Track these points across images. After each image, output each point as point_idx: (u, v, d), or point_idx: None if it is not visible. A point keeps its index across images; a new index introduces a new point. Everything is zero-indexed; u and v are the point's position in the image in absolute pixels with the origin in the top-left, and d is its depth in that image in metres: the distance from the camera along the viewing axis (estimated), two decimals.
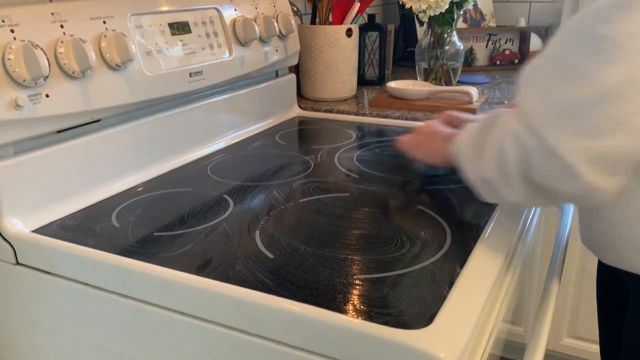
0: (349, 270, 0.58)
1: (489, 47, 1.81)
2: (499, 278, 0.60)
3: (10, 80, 0.66)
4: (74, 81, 0.73)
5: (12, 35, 0.66)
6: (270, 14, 1.11)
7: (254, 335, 0.54)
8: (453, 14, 1.37)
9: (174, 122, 0.92)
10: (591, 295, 1.55)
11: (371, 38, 1.54)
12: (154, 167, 0.88)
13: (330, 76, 1.35)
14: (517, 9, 2.03)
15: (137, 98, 0.82)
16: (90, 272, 0.62)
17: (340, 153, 0.97)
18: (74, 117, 0.74)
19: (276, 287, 0.55)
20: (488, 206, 0.74)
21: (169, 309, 0.58)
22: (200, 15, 0.96)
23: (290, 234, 0.66)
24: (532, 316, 1.52)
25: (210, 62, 0.96)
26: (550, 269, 0.76)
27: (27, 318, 0.70)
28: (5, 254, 0.68)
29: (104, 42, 0.76)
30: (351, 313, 0.51)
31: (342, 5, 1.36)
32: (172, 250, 0.63)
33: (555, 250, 0.81)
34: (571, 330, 1.61)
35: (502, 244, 0.64)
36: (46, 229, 0.69)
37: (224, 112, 1.03)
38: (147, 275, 0.58)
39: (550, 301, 0.68)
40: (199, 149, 0.98)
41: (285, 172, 0.88)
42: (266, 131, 1.12)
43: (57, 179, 0.74)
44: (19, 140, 0.69)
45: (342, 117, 1.23)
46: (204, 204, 0.76)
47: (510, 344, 1.51)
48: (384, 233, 0.67)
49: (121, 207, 0.76)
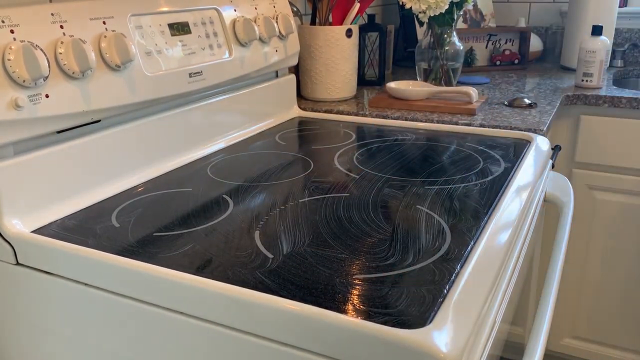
0: (348, 270, 0.58)
1: (489, 47, 1.81)
2: (498, 278, 0.60)
3: (10, 80, 0.66)
4: (73, 81, 0.73)
5: (12, 35, 0.66)
6: (270, 14, 1.11)
7: (254, 335, 0.54)
8: (453, 14, 1.37)
9: (174, 123, 0.92)
10: (591, 296, 1.55)
11: (371, 38, 1.54)
12: (154, 167, 0.88)
13: (330, 77, 1.35)
14: (517, 9, 2.03)
15: (137, 98, 0.82)
16: (90, 272, 0.62)
17: (340, 153, 0.97)
18: (74, 117, 0.74)
19: (276, 287, 0.55)
20: (487, 206, 0.74)
21: (169, 309, 0.58)
22: (200, 15, 0.96)
23: (290, 234, 0.66)
24: (532, 316, 1.52)
25: (210, 62, 0.96)
26: (550, 269, 0.76)
27: (27, 318, 0.70)
28: (5, 254, 0.68)
29: (104, 42, 0.76)
30: (351, 313, 0.51)
31: (342, 6, 1.36)
32: (172, 250, 0.63)
33: (555, 250, 0.81)
34: (571, 330, 1.61)
35: (501, 244, 0.64)
36: (46, 229, 0.70)
37: (223, 112, 1.03)
38: (147, 275, 0.58)
39: (550, 301, 0.68)
40: (199, 149, 0.98)
41: (285, 172, 0.88)
42: (266, 131, 1.12)
43: (57, 179, 0.74)
44: (19, 141, 0.69)
45: (342, 117, 1.24)
46: (204, 204, 0.76)
47: (510, 344, 1.52)
48: (384, 233, 0.67)
49: (121, 207, 0.76)
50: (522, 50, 1.80)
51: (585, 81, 1.48)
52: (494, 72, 1.77)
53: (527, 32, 1.78)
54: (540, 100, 1.37)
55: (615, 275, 1.51)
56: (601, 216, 1.47)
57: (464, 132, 1.10)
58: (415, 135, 1.08)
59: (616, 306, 1.53)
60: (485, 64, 1.82)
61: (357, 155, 0.96)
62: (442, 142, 1.04)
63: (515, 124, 1.16)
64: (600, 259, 1.51)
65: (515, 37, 1.81)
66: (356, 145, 1.02)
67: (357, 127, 1.16)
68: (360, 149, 1.00)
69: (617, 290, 1.52)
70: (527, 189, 0.81)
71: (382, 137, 1.07)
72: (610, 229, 1.48)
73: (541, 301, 0.69)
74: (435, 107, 1.28)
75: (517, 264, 0.69)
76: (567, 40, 1.77)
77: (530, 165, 0.90)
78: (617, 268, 1.50)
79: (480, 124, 1.17)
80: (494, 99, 1.39)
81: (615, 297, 1.53)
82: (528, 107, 1.30)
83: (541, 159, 0.95)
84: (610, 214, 1.46)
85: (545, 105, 1.32)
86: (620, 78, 1.77)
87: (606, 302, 1.54)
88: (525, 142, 1.02)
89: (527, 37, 1.78)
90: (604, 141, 1.42)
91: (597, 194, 1.46)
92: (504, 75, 1.73)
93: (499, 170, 0.88)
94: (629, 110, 1.38)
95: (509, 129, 1.14)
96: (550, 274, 0.74)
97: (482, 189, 0.80)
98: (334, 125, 1.18)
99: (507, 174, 0.86)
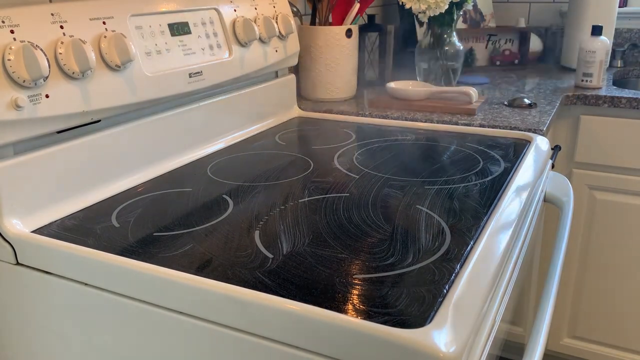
0: (348, 270, 0.58)
1: (489, 47, 1.81)
2: (498, 278, 0.60)
3: (10, 80, 0.66)
4: (73, 82, 0.73)
5: (12, 36, 0.67)
6: (270, 14, 1.11)
7: (254, 335, 0.54)
8: (453, 14, 1.38)
9: (174, 123, 0.92)
10: (591, 296, 1.55)
11: (371, 38, 1.54)
12: (154, 167, 0.88)
13: (330, 77, 1.35)
14: (516, 9, 2.03)
15: (136, 98, 0.82)
16: (90, 272, 0.62)
17: (340, 153, 0.98)
18: (74, 117, 0.74)
19: (276, 287, 0.55)
20: (487, 206, 0.74)
21: (169, 309, 0.58)
22: (200, 15, 0.96)
23: (290, 234, 0.67)
24: (532, 316, 1.52)
25: (210, 62, 0.96)
26: (551, 269, 0.76)
27: (27, 318, 0.70)
28: (5, 254, 0.68)
29: (104, 42, 0.76)
30: (350, 312, 0.51)
31: (342, 6, 1.36)
32: (172, 250, 0.63)
33: (555, 250, 0.81)
34: (571, 330, 1.61)
35: (501, 243, 0.64)
36: (46, 229, 0.70)
37: (223, 112, 1.03)
38: (147, 275, 0.58)
39: (550, 301, 0.68)
40: (199, 149, 0.98)
41: (285, 172, 0.88)
42: (266, 132, 1.12)
43: (57, 179, 0.74)
44: (19, 141, 0.69)
45: (342, 117, 1.24)
46: (204, 204, 0.76)
47: (510, 344, 1.52)
48: (384, 233, 0.67)
49: (121, 207, 0.76)
50: (522, 50, 1.81)
51: (585, 81, 1.48)
52: (494, 72, 1.77)
53: (527, 32, 1.78)
54: (540, 100, 1.37)
55: (615, 275, 1.51)
56: (601, 216, 1.47)
57: (464, 132, 1.10)
58: (415, 135, 1.08)
59: (616, 306, 1.53)
60: (485, 64, 1.82)
61: (357, 155, 0.96)
62: (442, 142, 1.04)
63: (515, 124, 1.16)
64: (600, 259, 1.51)
65: (515, 37, 1.81)
66: (356, 145, 1.02)
67: (357, 127, 1.16)
68: (360, 149, 1.00)
69: (617, 290, 1.52)
70: (526, 189, 0.81)
71: (382, 137, 1.07)
72: (610, 229, 1.48)
73: (541, 301, 0.69)
74: (435, 107, 1.28)
75: (516, 263, 0.69)
76: (567, 40, 1.77)
77: (530, 165, 0.90)
78: (617, 268, 1.50)
79: (480, 124, 1.17)
80: (493, 99, 1.39)
81: (615, 297, 1.53)
82: (528, 107, 1.30)
83: (541, 159, 0.95)
84: (610, 214, 1.46)
85: (545, 105, 1.32)
86: (620, 78, 1.77)
87: (606, 302, 1.54)
88: (525, 142, 1.02)
89: (527, 37, 1.78)
90: (604, 141, 1.42)
91: (597, 194, 1.46)
92: (503, 75, 1.73)
93: (499, 170, 0.88)
94: (629, 110, 1.38)
95: (509, 129, 1.14)
96: (550, 274, 0.74)
97: (482, 188, 0.80)
98: (334, 125, 1.18)
99: (507, 174, 0.86)
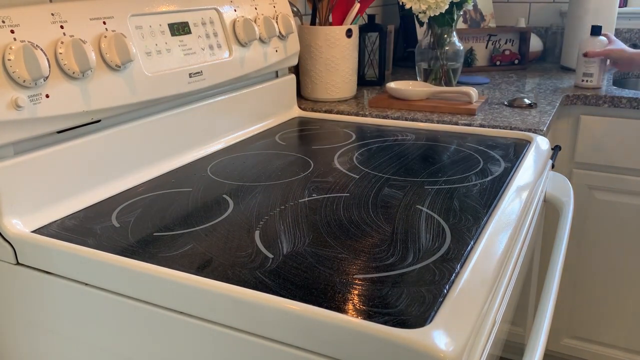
0: (348, 270, 0.58)
1: (489, 47, 1.81)
2: (498, 278, 0.60)
3: (11, 80, 0.66)
4: (74, 81, 0.73)
5: (12, 35, 0.67)
6: (270, 14, 1.11)
7: (254, 335, 0.54)
8: (453, 14, 1.38)
9: (174, 123, 0.92)
10: (591, 296, 1.55)
11: (371, 38, 1.54)
12: (154, 167, 0.88)
13: (330, 77, 1.36)
14: (517, 9, 2.03)
15: (137, 98, 0.82)
16: (90, 272, 0.62)
17: (340, 153, 0.97)
18: (74, 117, 0.74)
19: (276, 287, 0.55)
20: (487, 206, 0.74)
21: (169, 309, 0.58)
22: (200, 15, 0.96)
23: (290, 234, 0.67)
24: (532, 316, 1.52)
25: (210, 62, 0.96)
26: (550, 269, 0.76)
27: (27, 318, 0.70)
28: (5, 254, 0.68)
29: (104, 42, 0.76)
30: (351, 312, 0.51)
31: (342, 6, 1.36)
32: (172, 250, 0.63)
33: (555, 250, 0.81)
34: (571, 330, 1.61)
35: (501, 243, 0.64)
36: (46, 229, 0.70)
37: (223, 112, 1.03)
38: (147, 275, 0.58)
39: (550, 301, 0.68)
40: (199, 149, 0.98)
41: (285, 173, 0.88)
42: (266, 132, 1.12)
43: (57, 179, 0.74)
44: (19, 141, 0.69)
45: (342, 117, 1.24)
46: (204, 204, 0.76)
47: (510, 344, 1.52)
48: (384, 233, 0.67)
49: (121, 207, 0.76)
50: (522, 50, 1.81)
51: (585, 81, 1.48)
52: (494, 72, 1.77)
53: (527, 32, 1.78)
54: (540, 100, 1.37)
55: (615, 275, 1.51)
56: (601, 216, 1.47)
57: (464, 132, 1.10)
58: (415, 135, 1.08)
59: (616, 306, 1.53)
60: (485, 64, 1.82)
61: (357, 155, 0.96)
62: (442, 142, 1.04)
63: (515, 124, 1.16)
64: (600, 259, 1.51)
65: (515, 37, 1.81)
66: (356, 145, 1.02)
67: (357, 127, 1.16)
68: (360, 149, 1.00)
69: (617, 290, 1.52)
70: (527, 189, 0.81)
71: (382, 137, 1.07)
72: (610, 229, 1.48)
73: (541, 301, 0.69)
74: (435, 107, 1.28)
75: (517, 263, 0.69)
76: (567, 40, 1.77)
77: (530, 166, 0.90)
78: (617, 268, 1.50)
79: (480, 124, 1.17)
80: (494, 99, 1.39)
81: (615, 297, 1.53)
82: (528, 107, 1.30)
83: (541, 159, 0.95)
84: (610, 214, 1.46)
85: (545, 105, 1.32)
86: (620, 78, 1.77)
87: (606, 302, 1.54)
88: (525, 142, 1.02)
89: (527, 37, 1.78)
90: (604, 141, 1.42)
91: (597, 194, 1.46)
92: (504, 75, 1.73)
93: (499, 170, 0.88)
94: (629, 110, 1.38)
95: (509, 129, 1.14)
96: (550, 274, 0.74)
97: (482, 189, 0.80)
98: (334, 125, 1.18)
99: (507, 174, 0.86)
